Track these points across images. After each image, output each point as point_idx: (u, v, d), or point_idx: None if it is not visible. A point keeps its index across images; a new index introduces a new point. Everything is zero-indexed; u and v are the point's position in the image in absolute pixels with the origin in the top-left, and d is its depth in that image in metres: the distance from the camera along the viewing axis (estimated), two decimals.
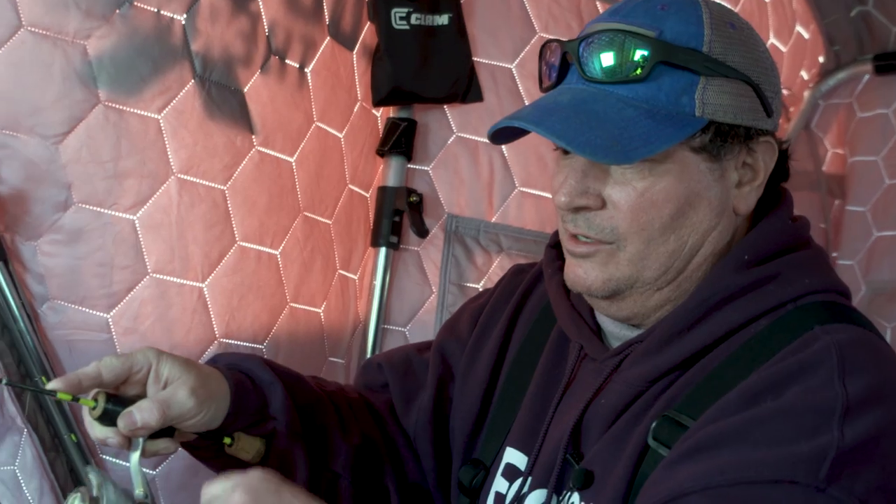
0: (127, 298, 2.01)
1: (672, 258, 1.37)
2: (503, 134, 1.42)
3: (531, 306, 1.66)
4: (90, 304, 1.99)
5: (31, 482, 1.97)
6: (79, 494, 1.29)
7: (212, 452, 1.54)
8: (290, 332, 2.27)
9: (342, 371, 2.50)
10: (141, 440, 1.38)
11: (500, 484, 1.53)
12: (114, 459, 2.07)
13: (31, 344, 1.97)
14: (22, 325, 1.96)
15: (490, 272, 2.67)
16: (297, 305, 2.30)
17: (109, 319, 2.00)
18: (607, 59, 1.34)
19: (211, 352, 2.11)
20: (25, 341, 1.97)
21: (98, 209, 1.95)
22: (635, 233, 1.36)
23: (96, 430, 1.40)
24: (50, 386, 1.36)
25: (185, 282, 2.06)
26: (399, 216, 2.61)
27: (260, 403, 1.53)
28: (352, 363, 2.55)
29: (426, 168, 2.67)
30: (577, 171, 1.37)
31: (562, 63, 1.39)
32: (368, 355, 2.57)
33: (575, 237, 1.41)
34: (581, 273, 1.40)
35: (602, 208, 1.37)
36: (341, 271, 2.48)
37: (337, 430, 1.62)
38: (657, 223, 1.35)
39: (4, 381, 1.42)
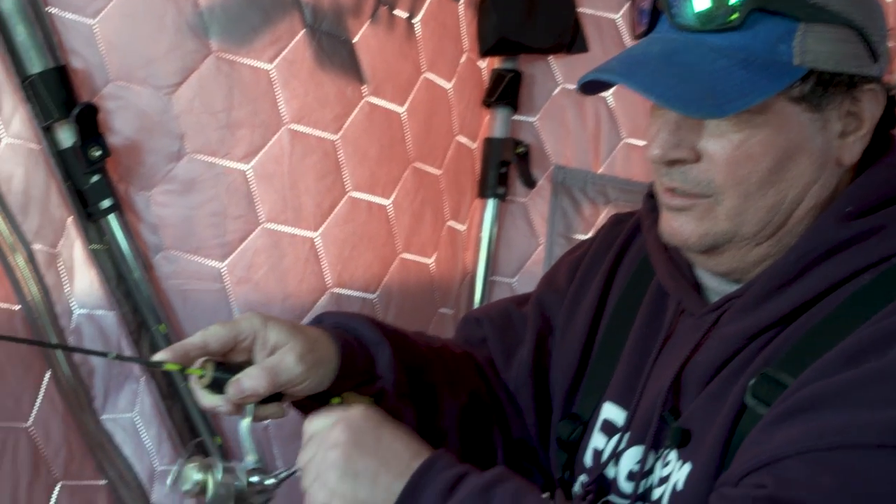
0: (240, 248, 1.99)
1: (771, 213, 1.29)
2: (593, 85, 1.33)
3: (630, 258, 1.58)
4: (204, 253, 1.98)
5: (149, 430, 1.97)
6: (193, 465, 1.28)
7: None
8: (400, 282, 2.24)
9: (451, 322, 2.46)
10: (251, 407, 1.35)
11: (597, 440, 1.48)
12: None
13: (146, 293, 1.97)
14: (137, 274, 1.96)
15: (597, 223, 2.61)
16: (407, 256, 2.27)
17: (223, 269, 1.99)
18: (700, 5, 1.24)
19: (323, 302, 2.09)
20: (140, 291, 1.97)
21: (211, 159, 1.94)
22: (732, 187, 1.27)
23: (205, 399, 1.37)
24: (157, 357, 1.33)
25: (297, 231, 2.04)
26: (506, 167, 2.56)
27: (367, 364, 1.48)
28: (459, 314, 2.50)
29: (532, 119, 2.61)
30: (670, 123, 1.28)
31: (652, 10, 1.31)
32: (476, 307, 2.53)
33: (671, 190, 1.33)
34: (677, 226, 1.33)
35: (697, 161, 1.28)
36: (450, 222, 2.45)
37: (445, 389, 1.58)
38: (755, 177, 1.26)
39: (111, 356, 1.38)
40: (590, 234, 2.49)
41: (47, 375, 1.79)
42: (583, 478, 1.49)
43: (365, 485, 1.22)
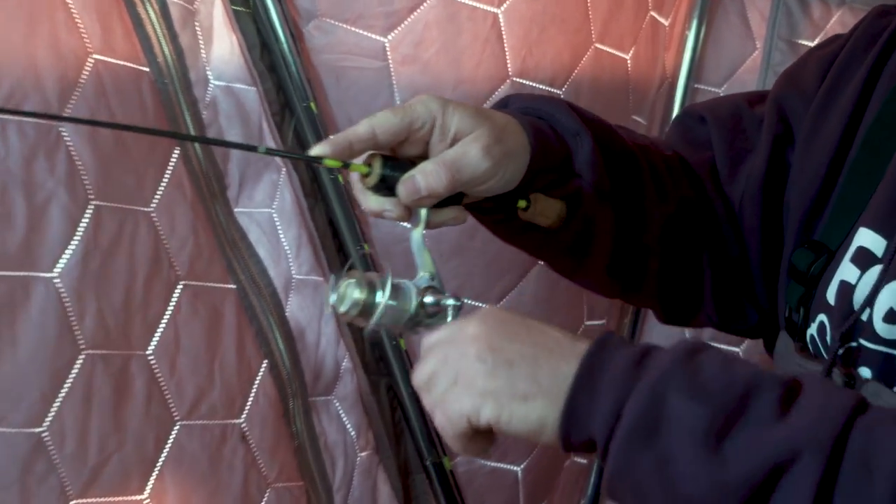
0: (409, 20, 1.91)
1: None
2: None
3: None
4: (365, 24, 1.91)
5: (289, 230, 1.93)
6: (353, 281, 1.16)
7: (502, 216, 1.39)
8: (592, 77, 2.13)
9: (644, 132, 2.28)
10: (424, 211, 1.24)
11: (847, 271, 1.35)
12: None
13: (293, 68, 1.92)
14: (284, 46, 1.90)
15: (828, 28, 2.46)
16: (602, 47, 2.15)
17: (386, 44, 1.92)
18: None
19: (502, 92, 1.99)
20: (287, 65, 1.92)
21: None
22: None
23: (370, 202, 1.26)
24: (314, 151, 1.22)
25: (478, 5, 1.95)
26: None
27: (563, 158, 1.37)
28: (654, 125, 2.42)
29: None
30: None
31: None
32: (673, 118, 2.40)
33: None
34: None
35: None
36: (653, 13, 2.31)
37: (652, 195, 1.46)
38: None
39: (261, 149, 1.29)
40: (817, 40, 2.39)
41: (176, 152, 1.73)
42: (823, 317, 1.36)
43: (524, 373, 1.07)
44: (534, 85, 2.04)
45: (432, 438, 2.12)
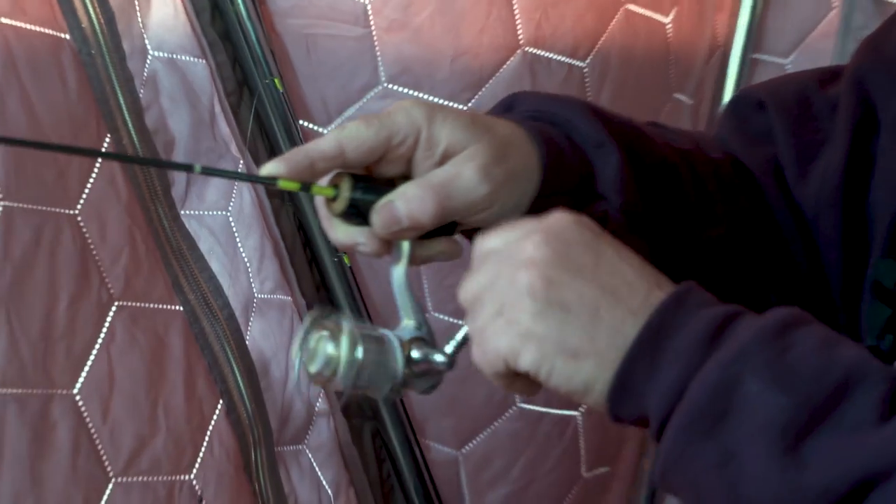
0: None
1: None
2: None
3: None
4: None
5: (248, 238, 1.85)
6: (326, 333, 1.06)
7: None
8: (623, 47, 2.01)
9: (689, 115, 2.22)
10: (406, 245, 1.13)
11: None
12: None
13: (253, 37, 1.82)
14: (241, 8, 1.80)
15: None
16: (636, 9, 2.03)
17: (368, 6, 1.84)
18: None
19: (512, 66, 1.91)
20: (245, 33, 1.82)
21: None
22: None
23: (338, 232, 1.16)
24: (266, 170, 1.10)
25: None
26: None
27: (584, 175, 1.27)
28: (702, 107, 2.26)
29: None
30: None
31: None
32: (727, 97, 2.29)
33: None
34: None
35: None
36: None
37: (696, 215, 1.37)
38: None
39: (197, 169, 1.16)
40: None
41: (107, 140, 1.62)
42: None
43: (579, 324, 0.99)
44: (550, 56, 1.95)
45: (430, 496, 2.01)
